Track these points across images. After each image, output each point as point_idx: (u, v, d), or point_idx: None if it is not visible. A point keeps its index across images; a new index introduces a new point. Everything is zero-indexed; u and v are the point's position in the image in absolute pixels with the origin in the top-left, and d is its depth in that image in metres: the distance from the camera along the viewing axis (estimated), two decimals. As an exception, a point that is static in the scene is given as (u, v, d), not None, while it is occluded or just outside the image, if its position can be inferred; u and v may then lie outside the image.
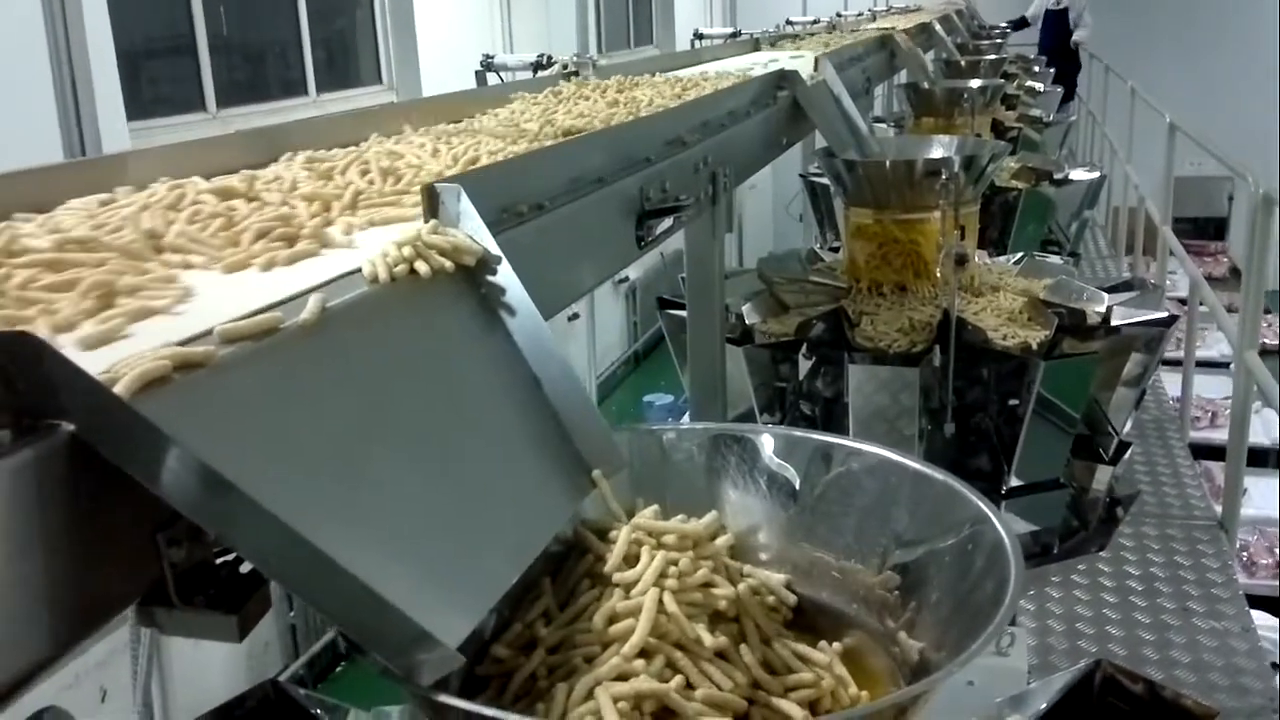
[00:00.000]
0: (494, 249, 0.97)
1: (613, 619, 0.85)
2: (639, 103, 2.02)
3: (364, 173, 1.29)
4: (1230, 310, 4.29)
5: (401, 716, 1.03)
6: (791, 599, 0.96)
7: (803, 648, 0.90)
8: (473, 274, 0.96)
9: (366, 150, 1.49)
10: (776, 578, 0.97)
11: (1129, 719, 1.13)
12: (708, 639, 0.85)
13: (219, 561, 0.70)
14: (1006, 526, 0.84)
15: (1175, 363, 4.58)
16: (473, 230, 0.97)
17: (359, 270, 0.89)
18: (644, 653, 0.82)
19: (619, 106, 1.97)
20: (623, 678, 0.80)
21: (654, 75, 2.63)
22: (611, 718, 0.75)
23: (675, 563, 0.90)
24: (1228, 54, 12.76)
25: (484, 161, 1.35)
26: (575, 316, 8.20)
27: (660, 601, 0.85)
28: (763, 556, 1.00)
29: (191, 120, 5.47)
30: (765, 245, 10.10)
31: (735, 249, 10.51)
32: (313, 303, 0.80)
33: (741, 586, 0.92)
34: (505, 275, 0.96)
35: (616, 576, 0.89)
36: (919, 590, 0.90)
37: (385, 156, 1.40)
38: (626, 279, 10.04)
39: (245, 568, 0.70)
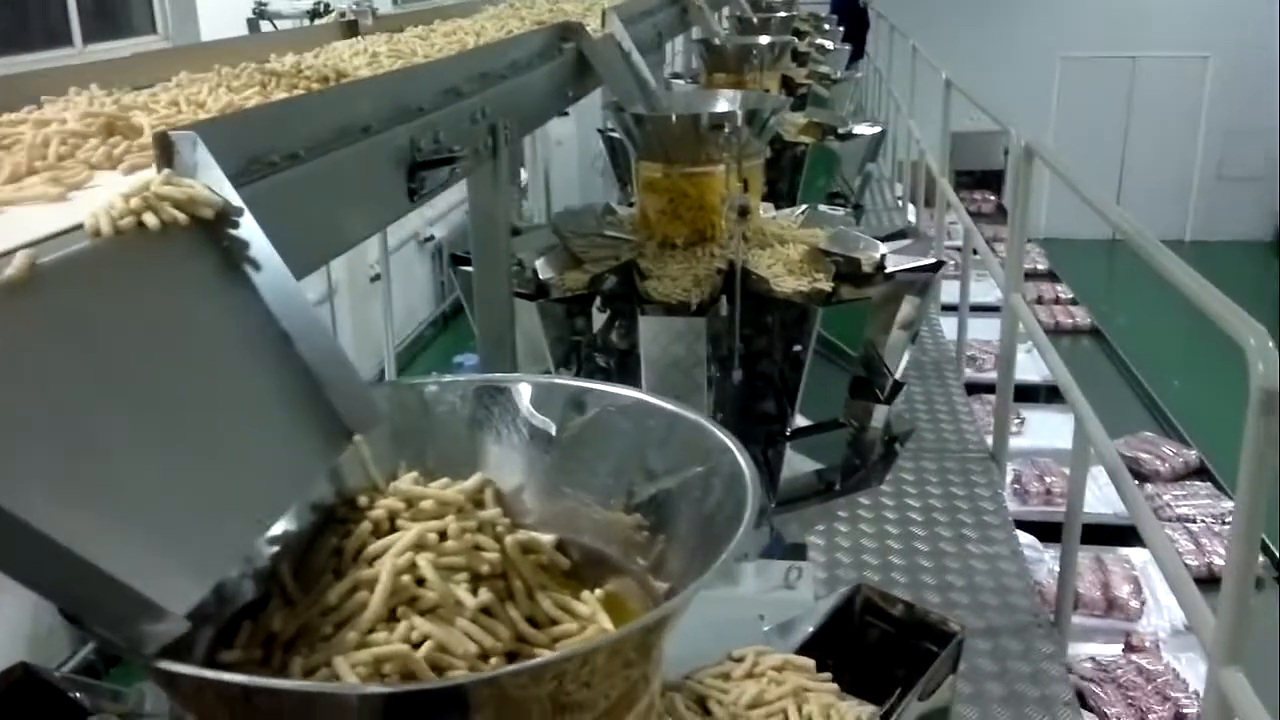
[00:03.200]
0: (235, 201, 0.92)
1: (355, 590, 0.82)
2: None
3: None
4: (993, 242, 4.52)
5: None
6: (565, 563, 0.94)
7: (567, 599, 0.90)
8: (213, 228, 0.91)
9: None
10: (547, 538, 0.95)
11: (887, 637, 1.22)
12: (468, 599, 0.83)
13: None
14: (745, 457, 0.87)
15: (954, 308, 4.87)
16: (212, 181, 0.92)
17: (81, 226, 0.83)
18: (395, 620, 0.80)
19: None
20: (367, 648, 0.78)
21: None
22: (350, 679, 0.73)
23: (443, 532, 0.88)
24: (1002, 18, 13.76)
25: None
26: (377, 278, 7.97)
27: (415, 565, 0.83)
28: (527, 504, 0.99)
29: (-64, 70, 4.97)
30: (573, 200, 10.06)
31: (543, 204, 10.45)
32: (19, 259, 0.74)
33: (509, 540, 0.91)
34: (249, 228, 0.92)
35: (368, 550, 0.86)
36: (668, 525, 0.92)
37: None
38: (432, 238, 9.83)
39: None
